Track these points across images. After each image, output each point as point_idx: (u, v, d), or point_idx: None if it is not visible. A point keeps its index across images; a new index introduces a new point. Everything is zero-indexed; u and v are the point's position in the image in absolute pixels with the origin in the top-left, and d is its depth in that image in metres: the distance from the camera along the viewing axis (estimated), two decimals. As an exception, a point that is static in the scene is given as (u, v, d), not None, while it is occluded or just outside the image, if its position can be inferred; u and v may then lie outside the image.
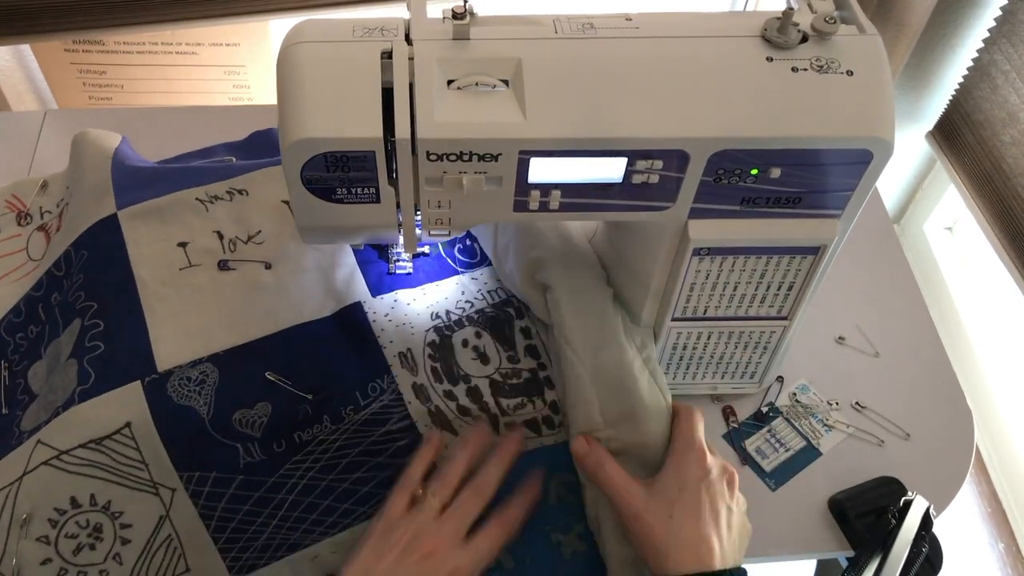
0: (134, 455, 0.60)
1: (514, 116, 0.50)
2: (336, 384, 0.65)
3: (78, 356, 0.63)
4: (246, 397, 0.63)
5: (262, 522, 0.61)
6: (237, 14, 0.95)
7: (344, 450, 0.63)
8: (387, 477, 0.62)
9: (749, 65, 0.52)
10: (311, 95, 0.50)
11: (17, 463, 0.60)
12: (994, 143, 1.20)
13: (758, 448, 0.72)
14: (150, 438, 0.60)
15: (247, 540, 0.61)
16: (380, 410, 0.65)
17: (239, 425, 0.62)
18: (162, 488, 0.60)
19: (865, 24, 0.53)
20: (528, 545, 0.63)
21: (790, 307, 0.64)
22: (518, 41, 0.52)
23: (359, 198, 0.54)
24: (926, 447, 0.73)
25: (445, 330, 0.70)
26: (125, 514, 0.60)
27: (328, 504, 0.62)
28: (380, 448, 0.63)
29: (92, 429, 0.60)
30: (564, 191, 0.54)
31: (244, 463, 0.61)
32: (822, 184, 0.55)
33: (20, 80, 1.07)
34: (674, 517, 0.57)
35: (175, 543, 0.60)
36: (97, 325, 0.65)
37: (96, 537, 0.59)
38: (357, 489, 0.62)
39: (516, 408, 0.67)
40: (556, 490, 0.65)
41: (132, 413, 0.61)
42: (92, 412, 0.60)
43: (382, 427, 0.64)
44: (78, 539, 0.59)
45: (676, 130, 0.51)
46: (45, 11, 0.90)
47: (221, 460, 0.61)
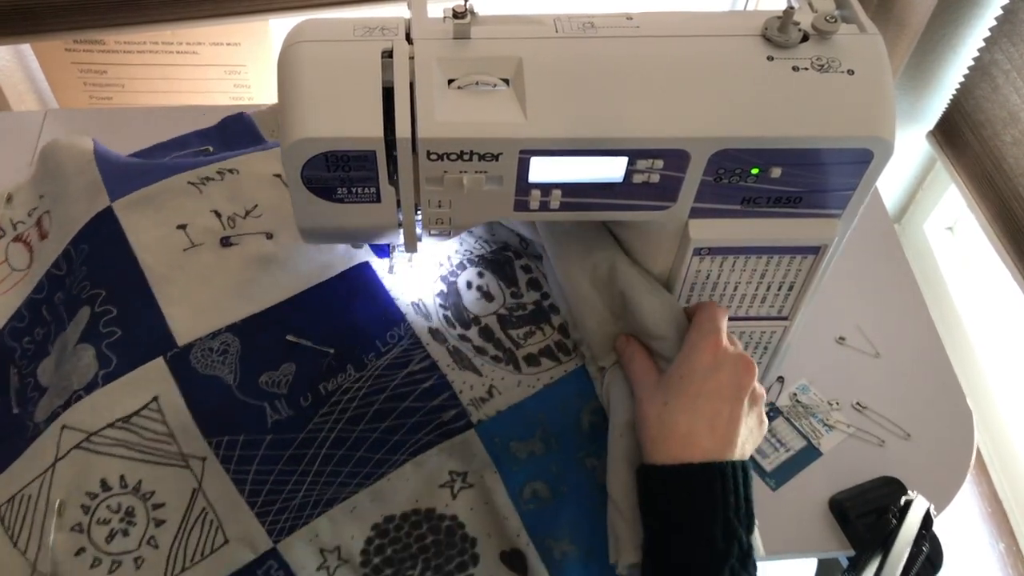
0: (161, 429, 0.60)
1: (515, 115, 0.50)
2: (355, 336, 0.65)
3: (94, 343, 0.64)
4: (270, 360, 0.64)
5: (296, 480, 0.61)
6: (237, 14, 0.95)
7: (370, 397, 0.63)
8: (416, 423, 0.62)
9: (750, 64, 0.52)
10: (312, 95, 0.50)
11: (46, 451, 0.59)
12: (995, 143, 1.20)
13: (758, 448, 0.72)
14: (177, 410, 0.61)
15: (284, 501, 0.60)
16: (401, 354, 0.65)
17: (266, 386, 0.63)
18: (192, 460, 0.60)
19: (866, 23, 0.53)
20: (564, 473, 0.63)
21: (790, 307, 0.64)
22: (519, 40, 0.52)
23: (359, 198, 0.54)
24: (926, 447, 0.73)
25: (450, 276, 0.71)
26: (157, 493, 0.59)
27: (361, 455, 0.62)
28: (406, 392, 0.63)
29: (120, 408, 0.60)
30: (565, 191, 0.54)
31: (272, 421, 0.62)
32: (823, 184, 0.55)
33: (20, 80, 1.07)
34: (668, 404, 0.56)
35: (211, 515, 0.60)
36: (109, 311, 0.65)
37: (129, 522, 0.59)
38: (388, 438, 0.62)
39: (527, 337, 0.67)
40: (587, 417, 0.65)
41: (159, 388, 0.61)
42: (118, 392, 0.61)
43: (404, 369, 0.64)
44: (110, 525, 0.58)
45: (677, 129, 0.51)
46: (46, 11, 0.90)
47: (249, 421, 0.61)
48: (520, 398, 0.64)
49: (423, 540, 0.62)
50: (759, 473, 0.71)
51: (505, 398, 0.64)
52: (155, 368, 0.62)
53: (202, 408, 0.61)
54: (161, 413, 0.61)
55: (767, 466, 0.71)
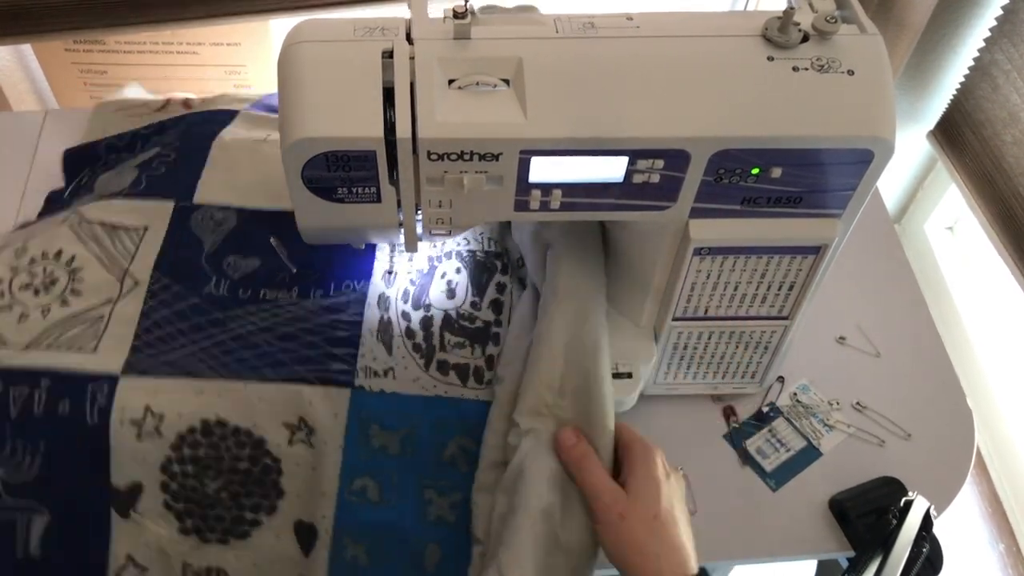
0: (130, 248, 0.70)
1: (515, 116, 0.50)
2: (319, 270, 0.71)
3: (141, 168, 0.76)
4: (245, 248, 0.71)
5: (183, 342, 0.66)
6: (237, 14, 0.94)
7: (290, 320, 0.67)
8: (307, 356, 0.65)
9: (750, 65, 0.52)
10: (312, 95, 0.50)
11: (53, 223, 0.73)
12: (995, 143, 1.20)
13: (759, 448, 0.72)
14: (154, 243, 0.70)
15: (160, 351, 0.65)
16: (341, 303, 0.69)
17: (226, 266, 0.70)
18: (128, 279, 0.69)
19: (866, 24, 0.53)
20: (400, 486, 0.63)
21: (791, 307, 0.64)
22: (519, 40, 0.52)
23: (360, 198, 0.54)
24: (927, 447, 0.73)
25: (436, 259, 0.72)
26: (84, 279, 0.68)
27: (245, 356, 0.65)
28: (321, 331, 0.67)
29: (116, 217, 0.72)
30: (565, 191, 0.54)
31: (206, 292, 0.68)
32: (823, 184, 0.55)
33: (20, 80, 1.07)
34: (659, 518, 0.56)
35: (103, 324, 0.66)
36: (168, 156, 0.77)
37: (44, 286, 0.68)
38: (276, 356, 0.65)
39: (456, 347, 0.68)
40: (453, 450, 0.65)
41: (154, 220, 0.72)
42: (126, 205, 0.72)
43: (333, 314, 0.68)
44: (33, 282, 0.68)
45: (677, 130, 0.51)
46: (46, 11, 0.90)
47: (192, 280, 0.69)
48: (409, 392, 0.65)
49: (237, 461, 0.62)
50: (760, 473, 0.71)
51: (397, 384, 0.65)
52: (164, 207, 0.72)
53: (170, 252, 0.70)
54: (140, 240, 0.71)
55: (767, 466, 0.71)
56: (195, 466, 0.61)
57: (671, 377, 0.71)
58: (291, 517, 0.62)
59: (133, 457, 0.61)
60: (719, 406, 0.74)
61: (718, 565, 0.73)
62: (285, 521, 0.62)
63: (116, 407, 0.61)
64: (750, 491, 0.70)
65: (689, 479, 0.69)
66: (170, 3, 0.92)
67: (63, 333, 0.65)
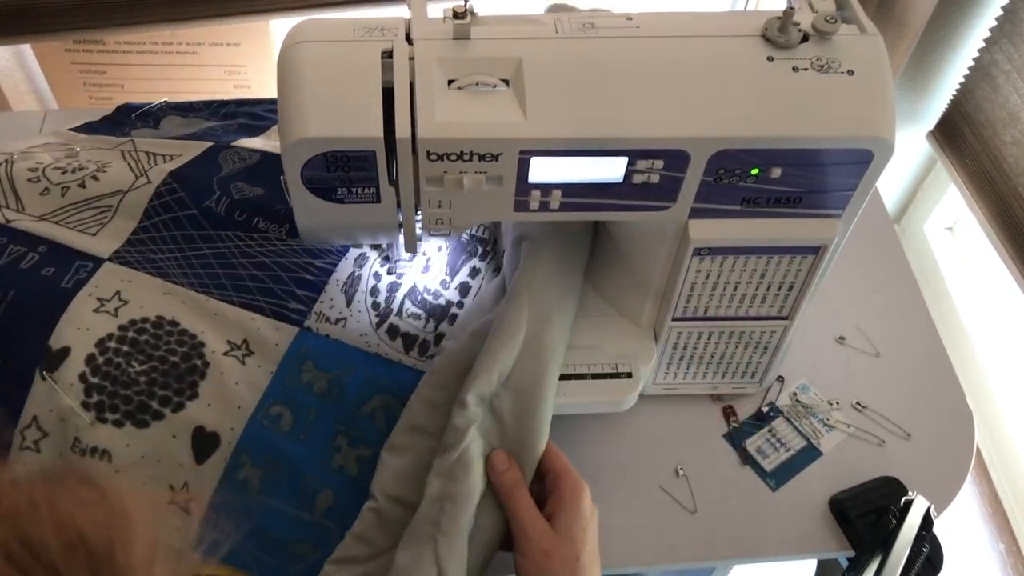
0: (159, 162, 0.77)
1: (514, 116, 0.50)
2: None
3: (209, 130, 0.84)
4: (257, 178, 0.76)
5: (171, 248, 0.70)
6: (237, 14, 0.94)
7: (272, 253, 0.71)
8: (270, 289, 0.69)
9: (750, 65, 0.52)
10: (312, 95, 0.50)
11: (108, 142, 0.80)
12: (995, 143, 1.20)
13: (759, 448, 0.72)
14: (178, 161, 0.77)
15: (147, 249, 0.70)
16: (323, 251, 0.72)
17: (234, 190, 0.74)
18: (144, 177, 0.74)
19: (866, 24, 0.53)
20: (314, 426, 0.64)
21: (790, 307, 0.64)
22: (519, 41, 0.52)
23: (359, 198, 0.54)
24: (926, 447, 0.73)
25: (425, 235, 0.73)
26: (107, 171, 0.74)
27: (220, 273, 0.69)
28: (294, 270, 0.70)
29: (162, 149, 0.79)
30: (564, 191, 0.54)
31: (206, 205, 0.73)
32: (822, 184, 0.55)
33: (20, 80, 1.07)
34: (581, 560, 0.56)
35: (109, 213, 0.72)
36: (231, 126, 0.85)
37: (72, 170, 0.74)
38: (244, 284, 0.69)
39: (411, 317, 0.70)
40: (375, 405, 0.65)
41: (190, 150, 0.78)
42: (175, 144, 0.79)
43: (310, 258, 0.71)
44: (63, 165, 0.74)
45: (677, 130, 0.51)
46: (46, 11, 0.90)
47: (197, 193, 0.73)
48: (352, 344, 0.67)
49: (170, 355, 0.64)
50: (759, 473, 0.71)
51: (343, 334, 0.68)
52: (201, 145, 0.79)
53: (189, 166, 0.76)
54: (171, 159, 0.77)
55: (767, 466, 0.71)
56: (131, 347, 0.64)
57: (671, 377, 0.71)
58: (193, 421, 0.62)
59: (79, 325, 0.64)
60: (719, 406, 0.74)
61: (718, 565, 0.73)
62: (187, 423, 0.62)
63: (91, 283, 0.66)
64: (750, 491, 0.70)
65: (689, 479, 0.70)
66: (170, 3, 0.93)
67: (74, 214, 0.72)
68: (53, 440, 0.61)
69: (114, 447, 0.61)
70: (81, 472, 0.27)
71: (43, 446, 0.61)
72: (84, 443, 0.61)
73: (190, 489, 0.61)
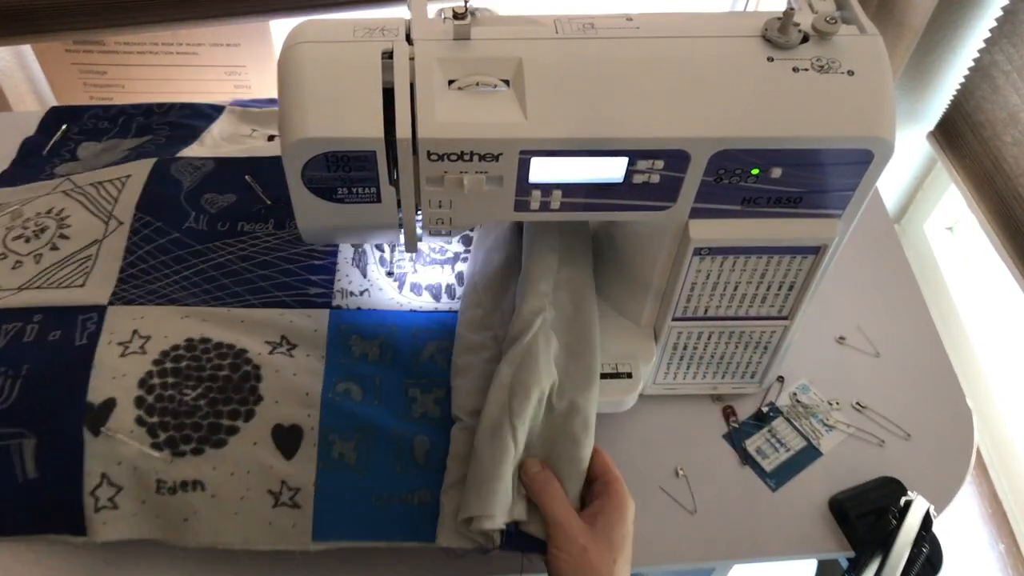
0: (114, 193, 0.74)
1: (515, 116, 0.50)
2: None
3: (135, 149, 0.81)
4: (222, 186, 0.76)
5: (167, 272, 0.70)
6: (237, 14, 0.94)
7: (269, 251, 0.72)
8: (286, 284, 0.70)
9: (750, 65, 0.52)
10: (312, 95, 0.50)
11: (45, 187, 0.77)
12: (995, 143, 1.20)
13: (758, 448, 0.72)
14: (135, 187, 0.74)
15: (145, 281, 0.69)
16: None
17: (204, 202, 0.74)
18: (113, 220, 0.72)
19: (866, 24, 0.53)
20: (384, 388, 0.65)
21: (791, 307, 0.64)
22: (519, 41, 0.52)
23: (360, 198, 0.54)
24: (926, 447, 0.73)
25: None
26: (71, 228, 0.72)
27: (227, 283, 0.70)
28: (299, 260, 0.71)
29: (103, 177, 0.76)
30: (565, 191, 0.54)
31: (187, 226, 0.73)
32: (823, 184, 0.55)
33: (21, 80, 1.07)
34: (617, 563, 0.56)
35: (89, 264, 0.70)
36: (161, 142, 0.83)
37: (35, 235, 0.72)
38: (257, 283, 0.70)
39: (427, 271, 0.73)
40: (431, 351, 0.68)
41: (136, 170, 0.76)
42: (113, 170, 0.77)
43: (308, 245, 0.72)
44: (25, 232, 0.72)
45: (677, 130, 0.51)
46: (46, 11, 0.90)
47: (173, 217, 0.73)
48: (386, 308, 0.70)
49: (218, 371, 0.63)
50: (759, 473, 0.71)
51: (372, 302, 0.70)
52: (145, 164, 0.77)
53: (150, 192, 0.74)
54: (123, 184, 0.75)
55: (767, 466, 0.71)
56: (175, 377, 0.63)
57: (671, 377, 0.71)
58: (269, 422, 0.62)
59: (112, 374, 0.62)
60: (719, 406, 0.74)
61: (718, 565, 0.73)
62: (263, 426, 0.62)
63: (105, 331, 0.64)
64: (750, 491, 0.70)
65: (689, 479, 0.70)
66: (170, 3, 0.93)
67: (54, 274, 0.69)
68: (130, 491, 0.60)
69: (202, 475, 0.60)
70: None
71: (120, 501, 0.59)
72: (170, 481, 0.60)
73: (290, 485, 0.60)
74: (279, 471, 0.60)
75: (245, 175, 0.77)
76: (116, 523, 0.59)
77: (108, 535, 0.59)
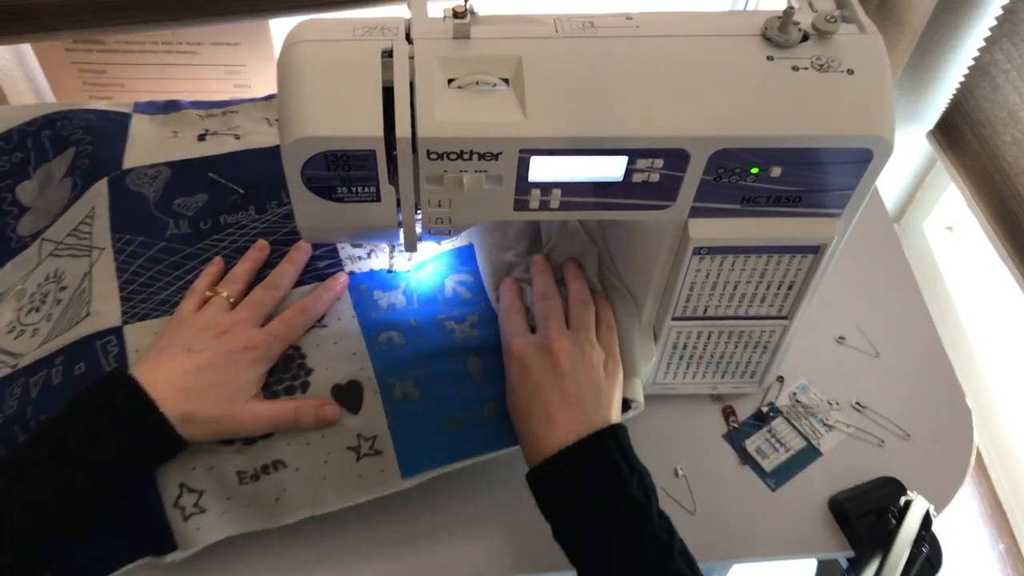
0: (87, 228, 0.72)
1: (514, 115, 0.50)
2: (266, 185, 0.74)
3: (72, 174, 0.77)
4: (188, 188, 0.74)
5: (168, 281, 0.68)
6: (237, 14, 0.94)
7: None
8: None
9: (750, 64, 0.52)
10: (312, 94, 0.50)
11: (31, 260, 0.74)
12: (995, 142, 1.20)
13: (758, 448, 0.72)
14: (103, 214, 0.72)
15: (150, 294, 0.67)
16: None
17: (177, 207, 0.73)
18: (95, 250, 0.70)
19: (866, 23, 0.53)
20: (422, 328, 0.67)
21: (790, 307, 0.64)
22: (519, 40, 0.52)
23: (359, 197, 0.54)
24: (926, 447, 0.73)
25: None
26: (65, 278, 0.70)
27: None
28: (289, 237, 0.71)
29: (74, 222, 0.73)
30: (564, 190, 0.54)
31: (170, 234, 0.71)
32: (822, 183, 0.55)
33: (20, 79, 1.07)
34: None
35: (87, 294, 0.67)
36: (86, 149, 0.78)
37: (41, 301, 0.70)
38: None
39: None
40: (452, 285, 0.70)
41: (100, 200, 0.73)
42: (75, 209, 0.74)
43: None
44: (33, 303, 0.71)
45: (676, 129, 0.51)
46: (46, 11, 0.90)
47: (152, 229, 0.71)
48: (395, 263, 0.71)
49: None
50: (759, 473, 0.71)
51: (380, 262, 0.70)
52: (100, 185, 0.74)
53: (119, 212, 0.72)
54: (92, 217, 0.72)
55: (767, 466, 0.71)
56: None
57: (671, 377, 0.71)
58: (326, 386, 0.63)
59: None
60: (719, 406, 0.74)
61: (718, 565, 0.73)
62: (322, 391, 0.62)
63: (130, 350, 0.63)
64: (750, 491, 0.70)
65: (688, 479, 0.69)
66: (170, 3, 0.92)
67: (62, 321, 0.68)
68: (213, 492, 0.60)
69: (279, 453, 0.60)
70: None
71: (206, 503, 0.59)
72: (250, 470, 0.60)
73: (366, 436, 0.62)
74: (351, 426, 0.62)
75: (207, 173, 0.76)
76: (208, 527, 0.59)
77: (204, 540, 0.59)
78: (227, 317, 0.62)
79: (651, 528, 0.54)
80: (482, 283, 0.70)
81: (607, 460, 0.56)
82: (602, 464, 0.56)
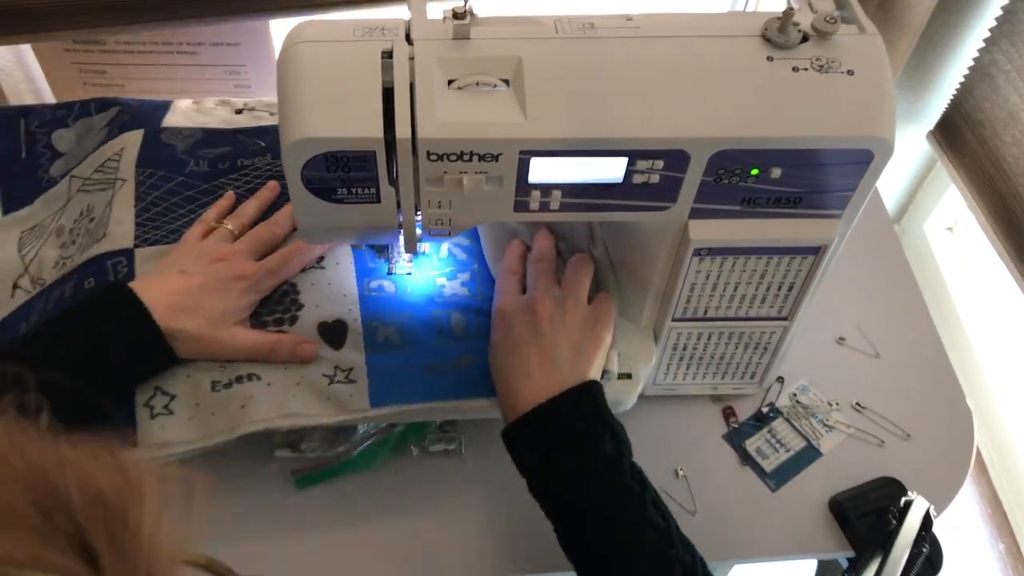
0: (115, 163, 0.76)
1: (515, 116, 0.50)
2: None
3: (110, 125, 0.81)
4: (216, 143, 0.78)
5: (182, 213, 0.72)
6: (237, 14, 0.94)
7: (273, 178, 0.74)
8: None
9: (750, 65, 0.52)
10: (312, 95, 0.50)
11: (60, 196, 0.77)
12: (995, 143, 1.20)
13: (758, 448, 0.72)
14: (131, 151, 0.76)
15: (163, 222, 0.71)
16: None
17: (203, 156, 0.76)
18: (119, 181, 0.74)
19: (865, 24, 0.53)
20: (413, 280, 0.70)
21: (790, 307, 0.64)
22: (519, 41, 0.52)
23: (359, 198, 0.54)
24: (926, 447, 0.73)
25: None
26: (93, 210, 0.73)
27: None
28: None
29: (102, 159, 0.77)
30: (564, 191, 0.54)
31: (189, 170, 0.75)
32: (822, 184, 0.55)
33: (20, 80, 1.07)
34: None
35: (106, 218, 0.71)
36: (131, 109, 0.82)
37: (78, 235, 0.73)
38: (269, 208, 0.72)
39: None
40: (448, 247, 0.73)
41: (131, 143, 0.77)
42: (106, 150, 0.77)
43: None
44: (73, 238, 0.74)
45: (677, 130, 0.51)
46: (46, 11, 0.90)
47: (173, 165, 0.75)
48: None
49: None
50: (759, 473, 0.71)
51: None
52: (136, 134, 0.78)
53: (146, 153, 0.75)
54: (120, 154, 0.76)
55: (767, 466, 0.71)
56: None
57: (671, 377, 0.71)
58: (313, 322, 0.65)
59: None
60: (719, 406, 0.74)
61: (718, 565, 0.73)
62: (308, 327, 0.65)
63: (139, 271, 0.67)
64: (750, 491, 0.70)
65: (689, 480, 0.70)
66: (170, 3, 0.92)
67: (81, 241, 0.72)
68: (184, 397, 0.62)
69: (256, 368, 0.63)
70: (102, 443, 0.29)
71: (176, 407, 0.61)
72: (225, 379, 0.62)
73: (342, 367, 0.64)
74: (330, 359, 0.64)
75: (239, 135, 0.79)
76: (173, 428, 0.61)
77: (166, 438, 0.60)
78: (227, 247, 0.66)
79: (624, 482, 0.55)
80: (480, 248, 0.73)
81: (579, 416, 0.57)
82: (574, 421, 0.57)
